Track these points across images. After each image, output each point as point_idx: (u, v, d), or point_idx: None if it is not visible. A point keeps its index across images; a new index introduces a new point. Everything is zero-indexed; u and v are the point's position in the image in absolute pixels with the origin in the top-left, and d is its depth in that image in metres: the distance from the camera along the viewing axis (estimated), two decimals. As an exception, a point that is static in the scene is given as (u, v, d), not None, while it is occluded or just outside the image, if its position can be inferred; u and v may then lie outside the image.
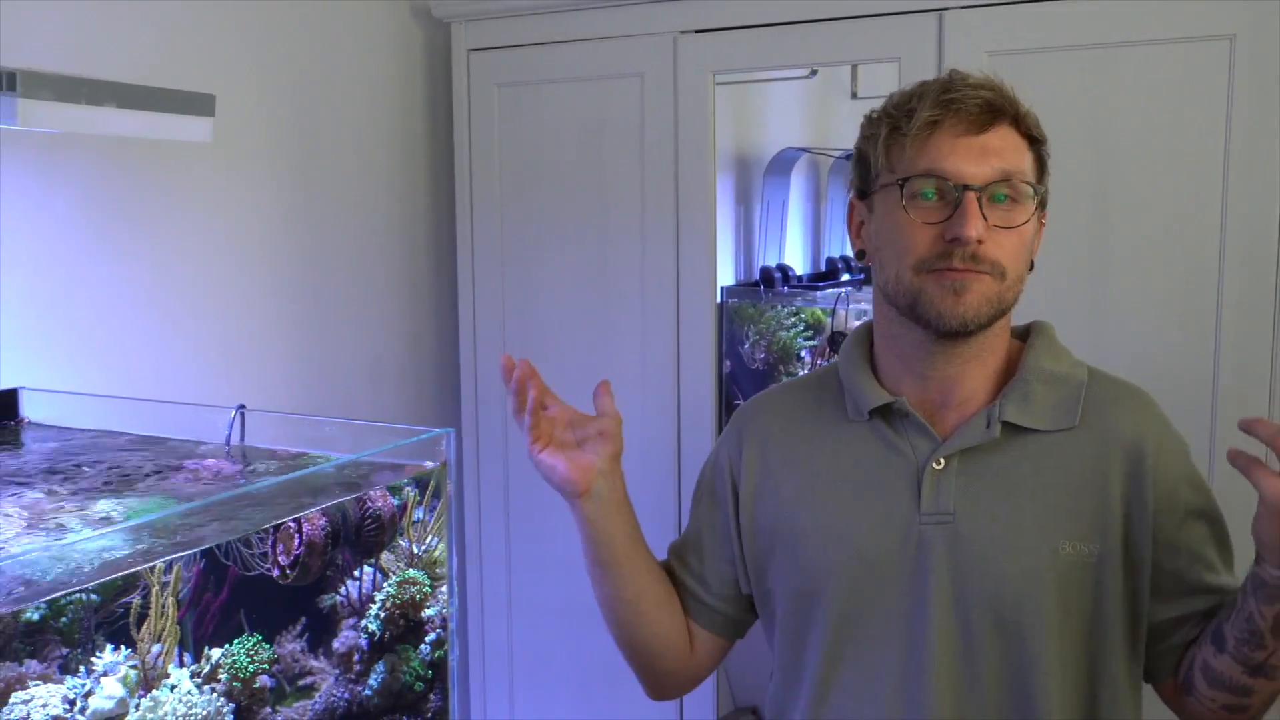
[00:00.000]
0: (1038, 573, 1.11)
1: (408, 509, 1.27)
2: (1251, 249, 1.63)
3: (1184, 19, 1.65)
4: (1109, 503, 1.11)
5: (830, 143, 3.10)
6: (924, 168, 1.09)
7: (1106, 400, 1.15)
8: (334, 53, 2.07)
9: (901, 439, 1.16)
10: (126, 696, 0.99)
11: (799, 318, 2.97)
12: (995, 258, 1.08)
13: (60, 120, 0.98)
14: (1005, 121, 1.09)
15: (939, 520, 1.12)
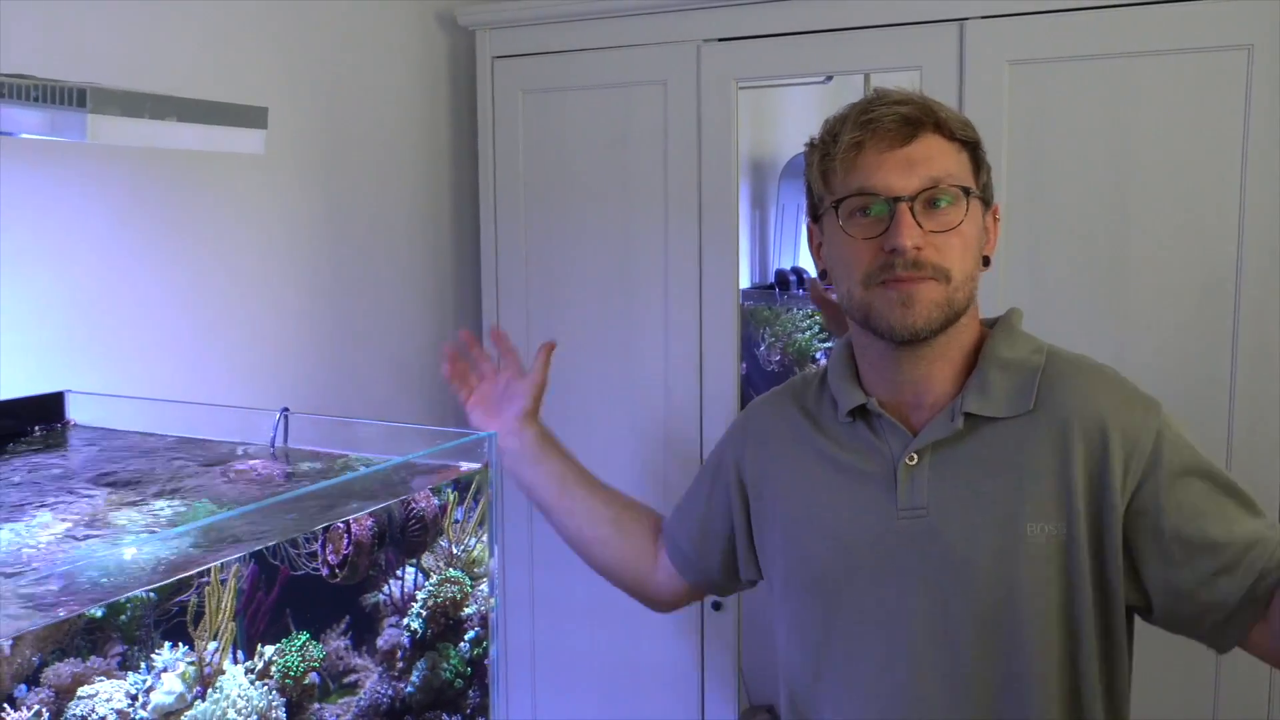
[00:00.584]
0: (1007, 557, 1.15)
1: (448, 509, 1.30)
2: (1268, 256, 1.66)
3: (1202, 29, 1.67)
4: (1070, 482, 1.14)
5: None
6: (855, 186, 1.15)
7: (1063, 381, 1.18)
8: (359, 61, 2.10)
9: (879, 438, 1.22)
10: (185, 692, 1.02)
11: (814, 320, 3.00)
12: (936, 262, 1.13)
13: (126, 135, 1.01)
14: (926, 131, 1.14)
15: (914, 515, 1.19)
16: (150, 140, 1.04)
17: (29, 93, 1.00)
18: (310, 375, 2.03)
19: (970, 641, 1.17)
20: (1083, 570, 1.14)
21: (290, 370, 1.98)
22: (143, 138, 1.03)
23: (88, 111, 0.98)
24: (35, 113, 1.00)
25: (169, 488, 1.27)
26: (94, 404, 1.49)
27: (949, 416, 1.18)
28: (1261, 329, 1.67)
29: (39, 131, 1.00)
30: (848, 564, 1.22)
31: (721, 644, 2.13)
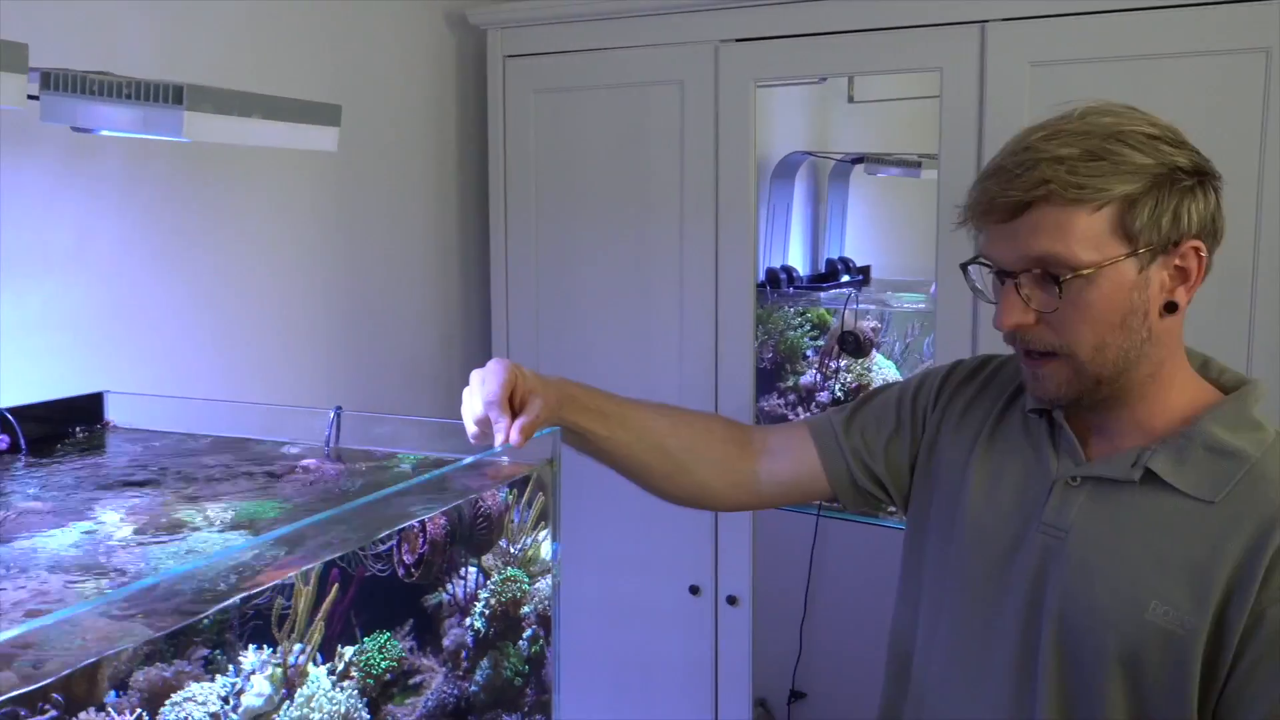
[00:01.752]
0: (1117, 618, 1.10)
1: (509, 508, 1.30)
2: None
3: (1220, 32, 1.71)
4: (1214, 580, 1.07)
5: (828, 146, 3.16)
6: (979, 250, 1.13)
7: (1265, 481, 1.09)
8: (370, 62, 2.09)
9: (1053, 446, 1.19)
10: (274, 694, 1.02)
11: (805, 318, 3.03)
12: (1049, 341, 1.09)
13: (218, 132, 1.00)
14: (1038, 205, 1.06)
15: (1053, 533, 1.15)
16: (238, 137, 1.03)
17: (122, 90, 0.99)
18: (325, 374, 2.02)
19: (1046, 675, 1.14)
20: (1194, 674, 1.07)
21: (305, 369, 1.97)
22: (232, 135, 1.02)
23: (184, 109, 0.97)
24: (129, 110, 0.98)
25: (225, 488, 1.26)
26: (129, 404, 1.47)
27: (1130, 461, 1.12)
28: (1276, 328, 1.71)
29: (132, 129, 0.99)
30: (979, 555, 1.21)
31: (735, 639, 2.15)
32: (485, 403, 1.21)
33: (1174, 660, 1.07)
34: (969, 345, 1.89)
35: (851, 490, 1.36)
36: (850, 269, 3.15)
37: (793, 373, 2.98)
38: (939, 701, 1.27)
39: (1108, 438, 1.17)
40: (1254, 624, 1.05)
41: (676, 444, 1.38)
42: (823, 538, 2.80)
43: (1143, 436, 1.14)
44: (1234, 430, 1.11)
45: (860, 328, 2.85)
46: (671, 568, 2.17)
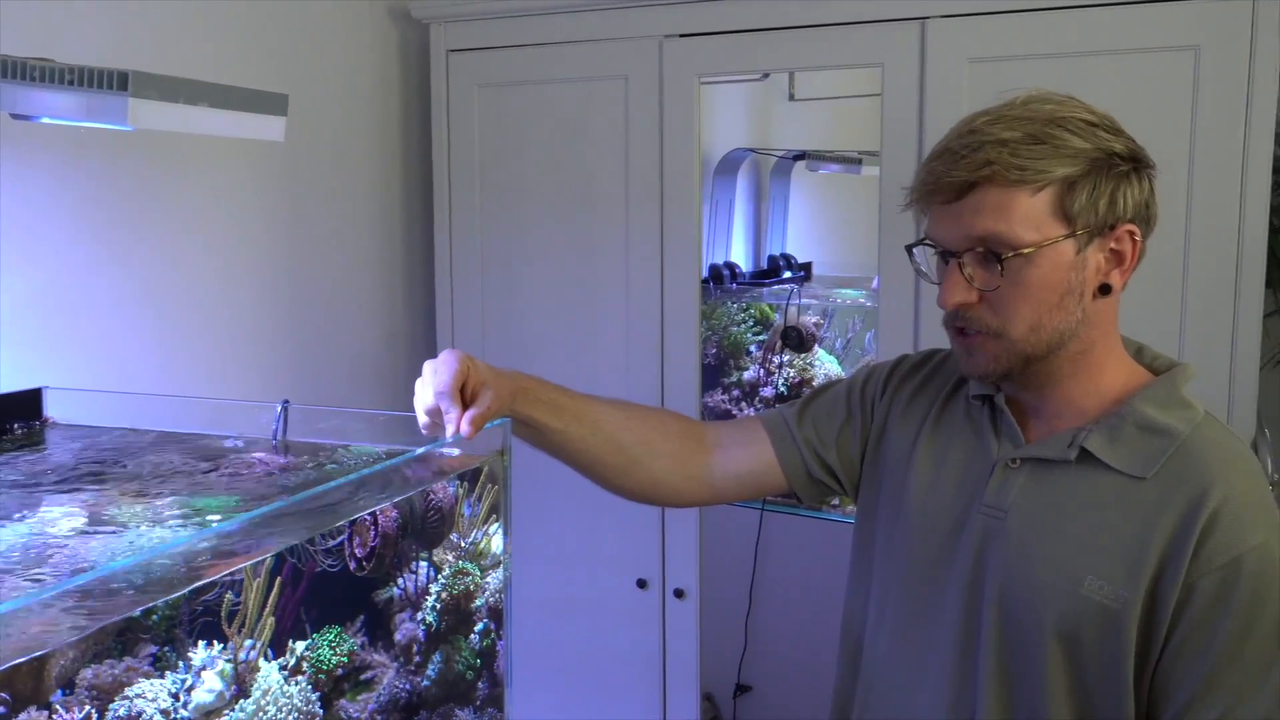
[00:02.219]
0: (1054, 593, 1.12)
1: (459, 501, 1.29)
2: (1214, 250, 1.74)
3: (1151, 30, 1.75)
4: (1146, 555, 1.10)
5: (770, 143, 3.19)
6: (923, 232, 1.16)
7: (1193, 458, 1.12)
8: (312, 54, 2.06)
9: (995, 430, 1.22)
10: (224, 690, 1.00)
11: (748, 314, 3.06)
12: (985, 320, 1.12)
13: (164, 120, 0.98)
14: (981, 186, 1.09)
15: (992, 513, 1.18)
16: (184, 125, 1.02)
17: (65, 76, 0.97)
18: (269, 370, 1.99)
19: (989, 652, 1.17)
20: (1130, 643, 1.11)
21: (248, 365, 1.95)
22: (178, 123, 1.01)
23: (129, 95, 0.95)
24: (72, 97, 0.96)
25: (173, 483, 1.24)
26: (69, 400, 1.44)
27: (1066, 441, 1.16)
28: (1207, 316, 1.75)
29: (75, 117, 0.97)
30: (924, 537, 1.24)
31: (683, 632, 2.16)
32: (436, 393, 1.20)
33: (1110, 634, 1.11)
34: (911, 337, 1.92)
35: (806, 480, 1.37)
36: (792, 265, 3.18)
37: (736, 368, 3.00)
38: (886, 681, 1.29)
39: (1045, 420, 1.20)
40: (1186, 597, 1.08)
41: (630, 438, 1.38)
42: (767, 531, 2.82)
43: (1078, 418, 1.17)
44: (1164, 409, 1.15)
45: (803, 323, 2.88)
46: (619, 561, 2.18)
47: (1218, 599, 1.07)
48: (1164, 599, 1.09)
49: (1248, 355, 1.74)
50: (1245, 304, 1.73)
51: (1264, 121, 1.70)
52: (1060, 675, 1.14)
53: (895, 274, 1.92)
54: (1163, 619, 1.09)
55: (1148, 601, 1.10)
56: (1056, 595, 1.13)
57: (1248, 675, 1.08)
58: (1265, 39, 1.69)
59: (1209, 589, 1.07)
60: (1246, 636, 1.07)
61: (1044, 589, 1.13)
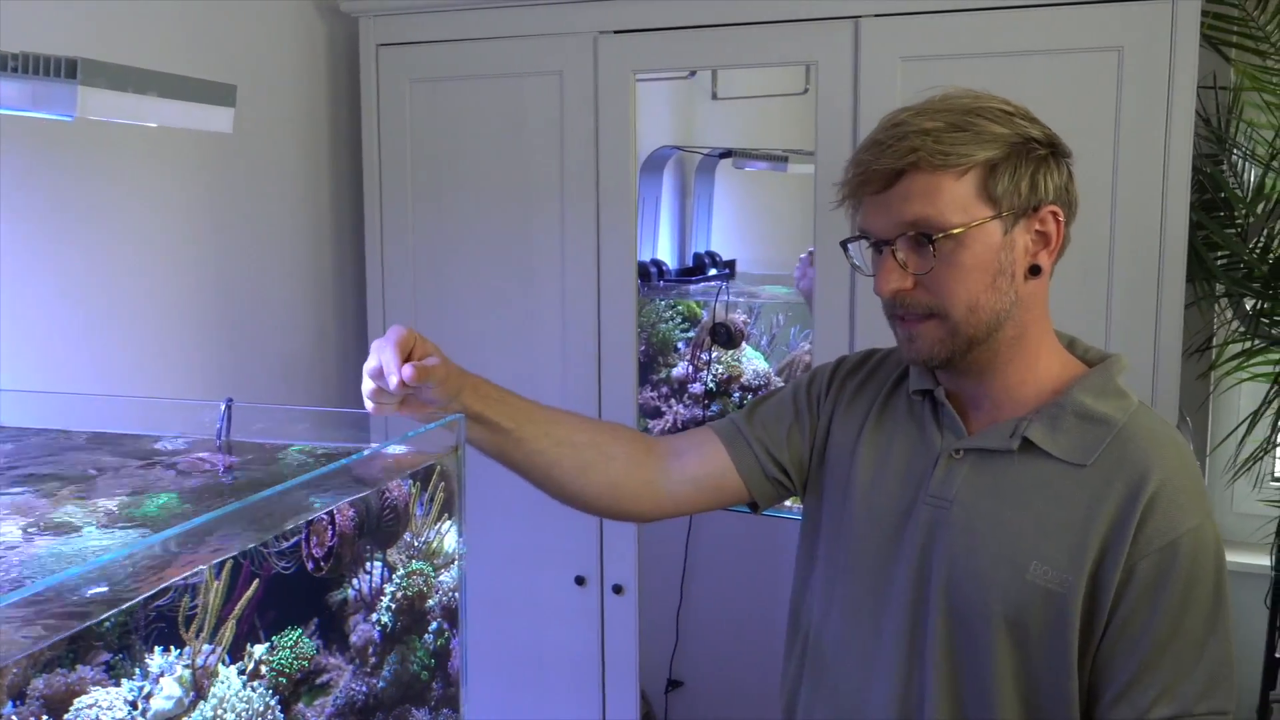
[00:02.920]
0: (999, 580, 1.16)
1: (411, 499, 1.28)
2: (1137, 246, 1.80)
3: (1077, 31, 1.80)
4: (1088, 540, 1.14)
5: (693, 141, 3.21)
6: (856, 227, 1.20)
7: (1131, 446, 1.16)
8: (236, 47, 2.01)
9: (937, 424, 1.25)
10: (183, 696, 0.98)
11: (676, 310, 3.07)
12: (924, 302, 1.16)
13: (111, 109, 0.95)
14: (909, 173, 1.13)
15: (938, 504, 1.21)
16: (133, 115, 0.98)
17: (7, 62, 0.93)
18: (198, 370, 1.94)
19: (938, 645, 1.20)
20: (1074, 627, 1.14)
21: (177, 365, 1.90)
22: (127, 113, 0.97)
23: (78, 84, 0.91)
24: (15, 85, 0.93)
25: (116, 484, 1.20)
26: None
27: (1008, 431, 1.19)
28: (1132, 309, 1.81)
29: (18, 106, 0.93)
30: (870, 530, 1.27)
31: (622, 627, 2.16)
32: (377, 348, 1.19)
33: (1055, 617, 1.14)
34: (847, 332, 1.94)
35: (762, 480, 1.38)
36: (717, 263, 3.20)
37: (665, 365, 3.01)
38: (836, 671, 1.32)
39: (986, 412, 1.24)
40: (1126, 579, 1.13)
41: (584, 440, 1.37)
42: (697, 527, 2.83)
43: (1018, 408, 1.21)
44: (1101, 398, 1.19)
45: (732, 320, 2.90)
46: (556, 559, 2.17)
47: (1156, 580, 1.12)
48: (1105, 582, 1.13)
49: (1170, 347, 1.80)
50: (1167, 297, 1.79)
51: (1183, 120, 1.76)
52: (1006, 659, 1.17)
53: (831, 269, 1.95)
54: (1105, 601, 1.13)
55: (1090, 585, 1.14)
56: (1002, 582, 1.16)
57: (1183, 652, 1.13)
58: (1184, 41, 1.75)
59: (1148, 571, 1.12)
60: (1183, 615, 1.12)
61: (990, 576, 1.17)
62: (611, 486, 1.37)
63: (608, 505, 1.39)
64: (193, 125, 1.08)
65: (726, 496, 1.39)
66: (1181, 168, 1.77)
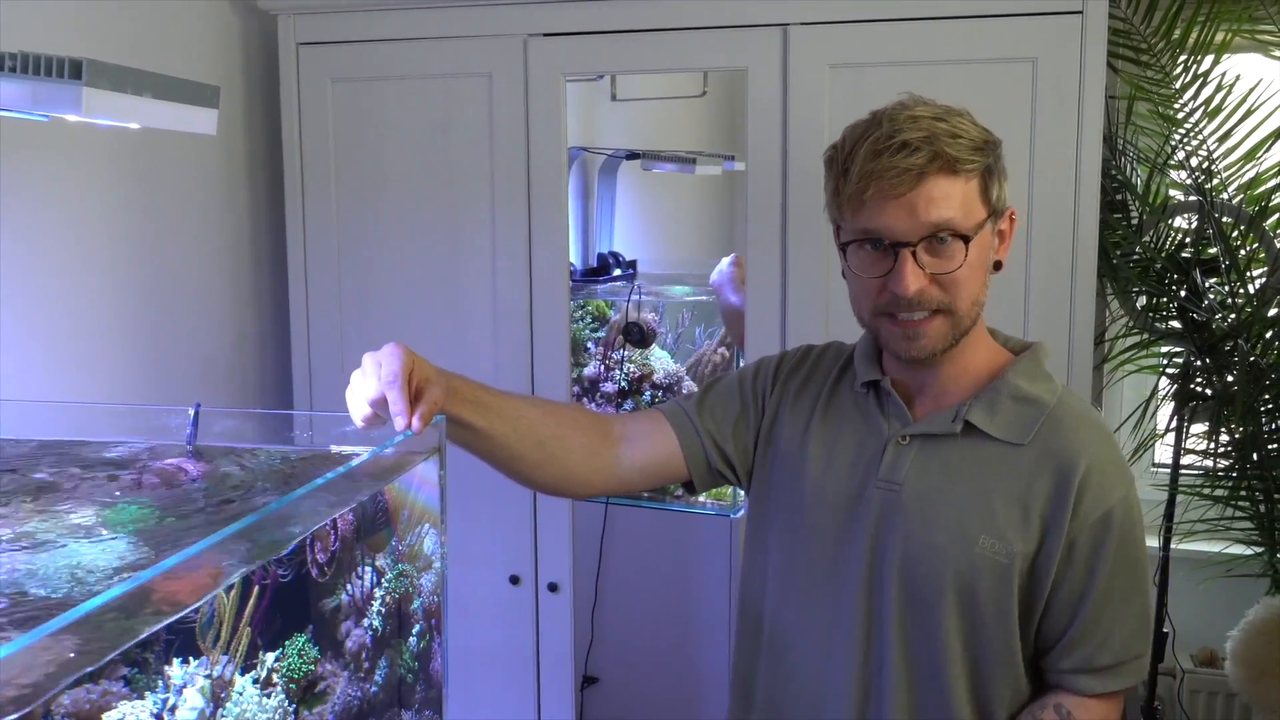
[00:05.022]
0: (951, 554, 1.25)
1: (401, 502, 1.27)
2: (1052, 244, 1.90)
3: (994, 42, 1.89)
4: (1031, 514, 1.24)
5: (594, 142, 3.23)
6: (862, 228, 1.21)
7: (1062, 425, 1.26)
8: (146, 44, 1.94)
9: (882, 414, 1.32)
10: (205, 707, 0.96)
11: (585, 310, 3.09)
12: (940, 299, 1.21)
13: (113, 110, 0.92)
14: (932, 175, 1.17)
15: (888, 487, 1.29)
16: (130, 117, 0.96)
17: (4, 62, 0.90)
18: (118, 375, 1.88)
19: (895, 618, 1.28)
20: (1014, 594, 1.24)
21: (96, 371, 1.83)
22: (125, 114, 0.95)
23: (83, 84, 0.89)
24: (15, 85, 0.90)
25: (82, 493, 1.17)
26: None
27: (951, 417, 1.28)
28: (1049, 308, 1.91)
29: (18, 107, 0.90)
30: (824, 516, 1.33)
31: (557, 625, 2.17)
32: (385, 383, 1.18)
33: (1001, 585, 1.24)
34: (779, 331, 2.00)
35: (705, 470, 1.43)
36: (620, 263, 3.23)
37: (576, 364, 3.02)
38: (797, 650, 1.37)
39: (930, 398, 1.32)
40: (1067, 551, 1.24)
41: (547, 433, 1.41)
42: (612, 524, 2.86)
43: (958, 394, 1.30)
44: (1032, 381, 1.30)
45: (643, 319, 2.94)
46: (491, 559, 2.17)
47: (1094, 549, 1.24)
48: (1049, 553, 1.24)
49: (1083, 340, 1.91)
50: (1080, 291, 1.90)
51: (1093, 126, 1.87)
52: (955, 626, 1.26)
53: (763, 270, 2.00)
54: (1048, 570, 1.24)
55: (1034, 555, 1.24)
56: (954, 556, 1.25)
57: (1118, 607, 1.26)
58: (1093, 52, 1.85)
59: (1086, 542, 1.24)
60: (1117, 575, 1.24)
61: (942, 551, 1.25)
62: (566, 474, 1.42)
63: (560, 488, 1.47)
64: (179, 127, 1.06)
65: (669, 478, 1.46)
66: (1092, 171, 1.88)
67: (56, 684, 0.81)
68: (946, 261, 1.20)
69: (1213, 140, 2.29)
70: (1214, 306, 2.18)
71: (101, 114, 0.92)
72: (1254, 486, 2.26)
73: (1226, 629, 2.36)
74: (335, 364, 2.19)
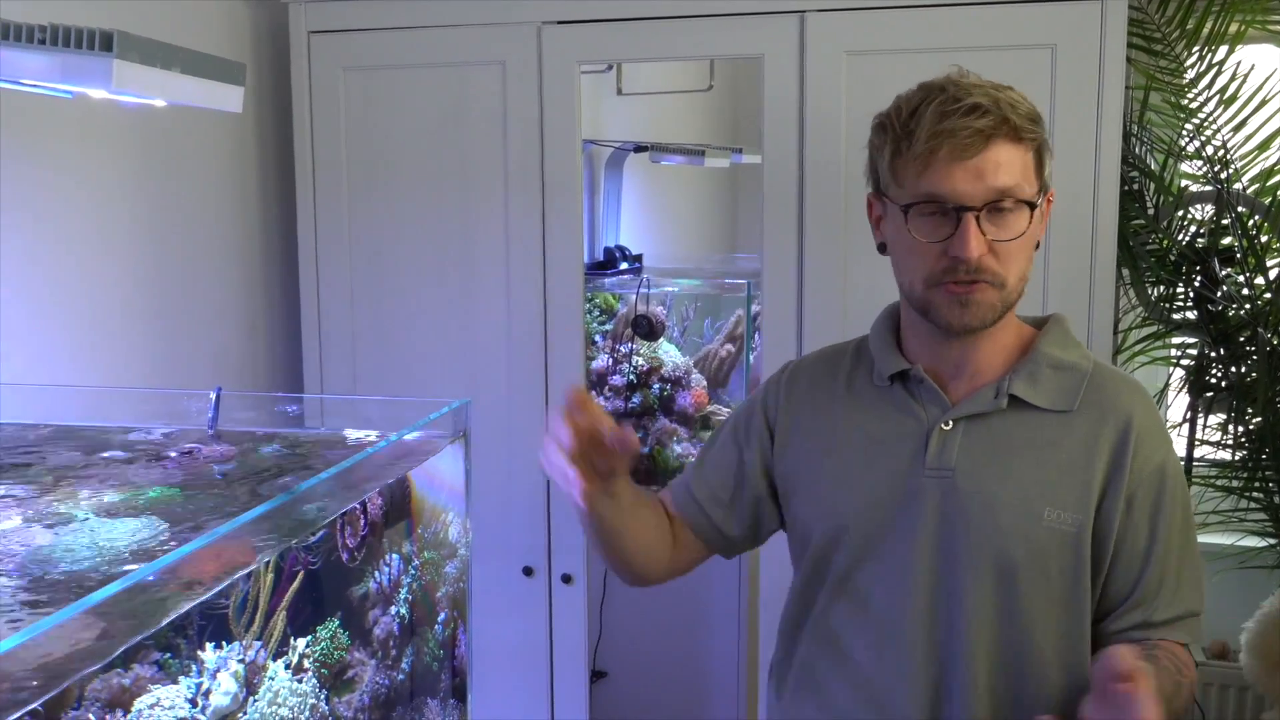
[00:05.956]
0: (1019, 531, 1.22)
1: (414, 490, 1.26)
2: (1072, 231, 1.89)
3: (1013, 29, 1.88)
4: (1092, 478, 1.23)
5: (600, 135, 3.22)
6: (925, 191, 1.18)
7: (1105, 387, 1.27)
8: (157, 33, 1.88)
9: (917, 403, 1.29)
10: (239, 690, 0.95)
11: (593, 303, 3.08)
12: (995, 269, 1.19)
13: (141, 83, 0.91)
14: (999, 140, 1.17)
15: (940, 475, 1.25)
16: (159, 92, 0.94)
17: (34, 35, 0.89)
18: (135, 363, 1.87)
19: (971, 606, 1.23)
20: (1087, 561, 1.23)
21: (109, 357, 1.82)
22: (155, 88, 0.93)
23: (114, 57, 0.88)
24: (44, 57, 0.88)
25: (110, 474, 1.15)
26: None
27: (993, 393, 1.25)
28: (1069, 296, 1.89)
29: (47, 78, 0.88)
30: (872, 518, 1.28)
31: (571, 616, 2.16)
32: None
33: (1071, 555, 1.23)
34: (795, 324, 1.98)
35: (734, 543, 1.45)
36: (626, 256, 3.22)
37: (585, 357, 3.01)
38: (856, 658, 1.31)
39: (964, 380, 1.28)
40: (1127, 508, 1.23)
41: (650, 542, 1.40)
42: (620, 518, 2.84)
43: (992, 372, 1.28)
44: (1065, 349, 1.29)
45: (652, 312, 2.92)
46: (505, 550, 2.15)
47: (1154, 501, 1.24)
48: (1109, 514, 1.23)
49: (1102, 326, 1.90)
50: (1099, 278, 1.89)
51: (1113, 114, 1.87)
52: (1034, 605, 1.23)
53: (777, 258, 1.99)
54: (1110, 531, 1.23)
55: (1095, 517, 1.23)
56: (1023, 533, 1.22)
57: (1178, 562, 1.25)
58: (1113, 39, 1.85)
59: (1146, 495, 1.24)
60: (1174, 530, 1.25)
61: (1010, 530, 1.22)
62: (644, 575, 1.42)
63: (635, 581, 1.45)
64: (207, 104, 1.05)
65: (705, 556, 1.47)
66: (1112, 158, 1.87)
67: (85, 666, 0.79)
68: (1006, 230, 1.18)
69: (1227, 130, 2.28)
70: (1231, 296, 2.17)
71: (131, 88, 0.90)
72: (1268, 478, 2.25)
73: (1239, 622, 2.35)
74: (346, 354, 2.18)
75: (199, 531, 0.99)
